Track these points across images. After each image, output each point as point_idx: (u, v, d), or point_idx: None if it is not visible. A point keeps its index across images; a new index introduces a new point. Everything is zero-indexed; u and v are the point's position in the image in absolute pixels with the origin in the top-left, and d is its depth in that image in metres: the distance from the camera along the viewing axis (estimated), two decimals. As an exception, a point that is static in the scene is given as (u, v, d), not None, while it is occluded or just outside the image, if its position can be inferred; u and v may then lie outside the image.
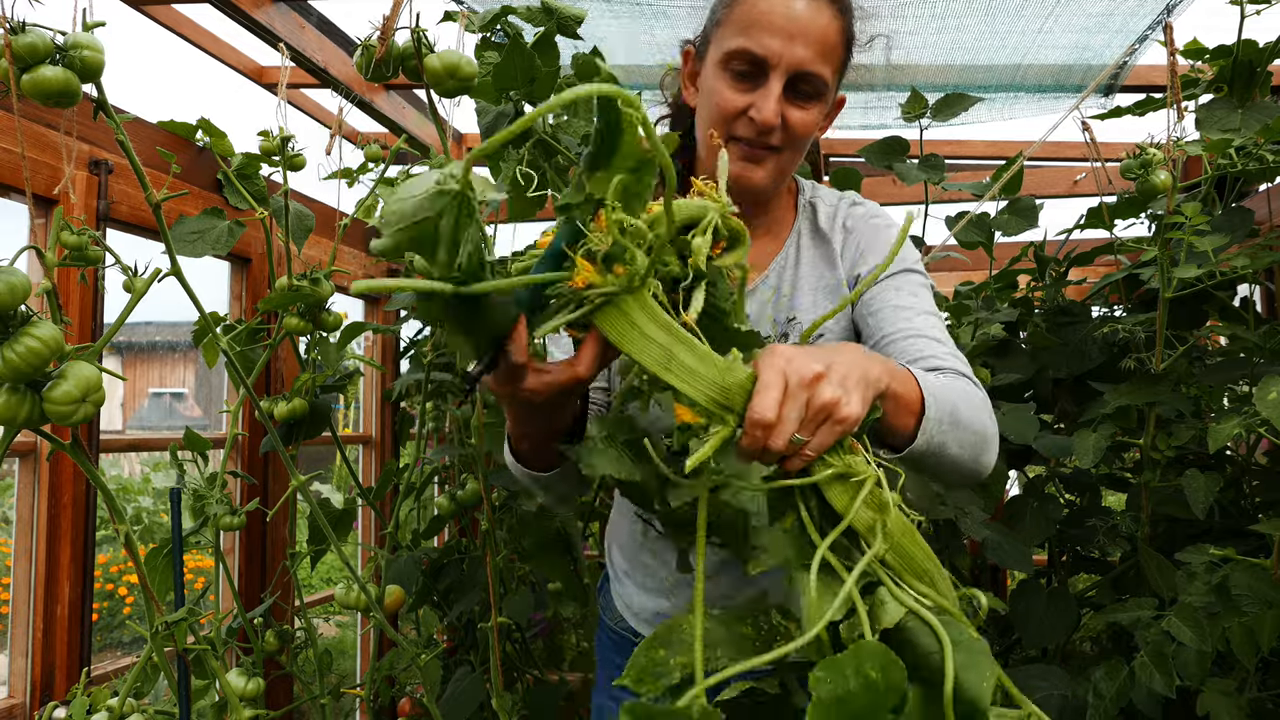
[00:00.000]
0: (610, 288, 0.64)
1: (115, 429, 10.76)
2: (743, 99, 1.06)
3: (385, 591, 1.85)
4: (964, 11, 2.14)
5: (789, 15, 1.04)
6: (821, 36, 1.05)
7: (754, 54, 1.05)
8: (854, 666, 0.57)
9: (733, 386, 0.66)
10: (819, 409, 0.66)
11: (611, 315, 0.65)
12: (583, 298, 0.65)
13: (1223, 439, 1.42)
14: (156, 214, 1.23)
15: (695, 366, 0.65)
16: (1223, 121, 1.79)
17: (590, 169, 0.64)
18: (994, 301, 2.21)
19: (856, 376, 0.70)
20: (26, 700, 1.52)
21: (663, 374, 0.65)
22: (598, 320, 0.66)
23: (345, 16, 2.43)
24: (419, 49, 1.36)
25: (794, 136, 1.08)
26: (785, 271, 1.19)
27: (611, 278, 0.64)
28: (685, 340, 0.65)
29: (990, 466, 0.96)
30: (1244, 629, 1.37)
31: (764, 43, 1.04)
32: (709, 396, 0.65)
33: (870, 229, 1.18)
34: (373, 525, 2.65)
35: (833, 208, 1.21)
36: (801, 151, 1.12)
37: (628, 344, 0.65)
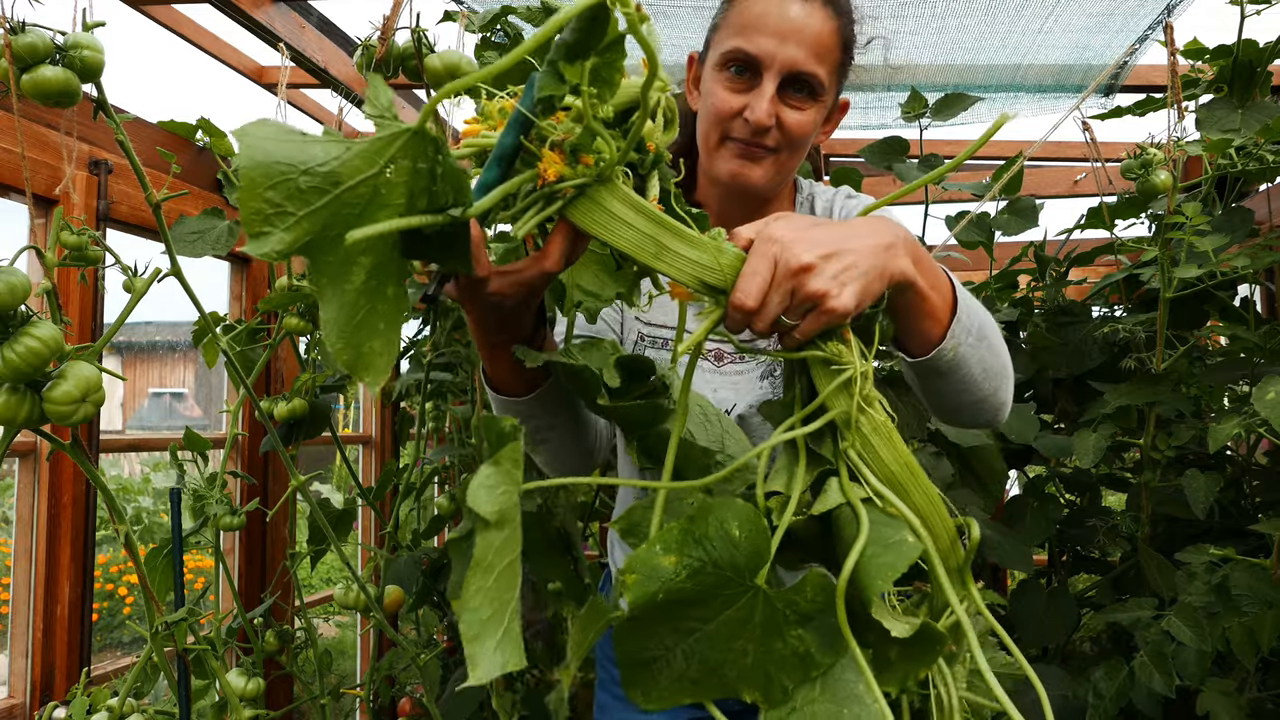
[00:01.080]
0: (582, 179, 0.61)
1: (115, 429, 10.75)
2: (738, 100, 1.07)
3: (385, 591, 1.85)
4: (964, 11, 2.14)
5: (782, 16, 1.04)
6: (816, 37, 1.05)
7: (748, 54, 1.05)
8: (720, 519, 0.59)
9: (724, 267, 0.65)
10: (804, 298, 0.64)
11: (586, 207, 0.63)
12: (554, 192, 0.62)
13: (1223, 439, 1.42)
14: (156, 214, 1.23)
15: (683, 250, 0.64)
16: (1223, 121, 1.79)
17: (568, 58, 0.59)
18: (994, 301, 2.21)
19: (862, 268, 0.66)
20: (26, 700, 1.52)
21: (652, 262, 0.63)
22: (571, 214, 0.63)
23: (345, 16, 2.43)
24: (419, 49, 1.36)
25: (790, 137, 1.08)
26: None
27: (582, 168, 0.61)
28: (669, 225, 0.63)
29: (1007, 407, 0.93)
30: (1244, 629, 1.37)
31: (758, 43, 1.05)
32: (698, 279, 0.64)
33: (851, 209, 1.19)
34: (373, 525, 2.65)
35: (828, 202, 1.22)
36: (801, 152, 1.12)
37: (610, 234, 0.63)
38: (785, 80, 1.06)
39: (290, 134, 0.52)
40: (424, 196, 0.57)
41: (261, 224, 0.50)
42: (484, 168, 0.62)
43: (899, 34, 2.27)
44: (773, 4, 1.05)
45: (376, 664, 1.90)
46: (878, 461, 0.65)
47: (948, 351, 0.81)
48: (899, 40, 2.31)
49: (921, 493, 0.65)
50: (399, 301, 0.58)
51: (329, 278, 0.54)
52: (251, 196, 0.49)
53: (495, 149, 0.62)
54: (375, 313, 0.56)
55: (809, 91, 1.07)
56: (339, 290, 0.55)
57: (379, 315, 0.57)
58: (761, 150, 1.09)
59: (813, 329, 0.65)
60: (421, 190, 0.56)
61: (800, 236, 0.65)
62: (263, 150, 0.50)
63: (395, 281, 0.58)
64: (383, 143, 0.54)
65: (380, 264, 0.56)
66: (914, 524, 0.62)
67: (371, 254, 0.55)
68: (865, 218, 0.73)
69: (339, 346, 0.54)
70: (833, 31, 1.06)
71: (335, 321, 0.54)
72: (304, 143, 0.52)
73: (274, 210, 0.50)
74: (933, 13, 2.15)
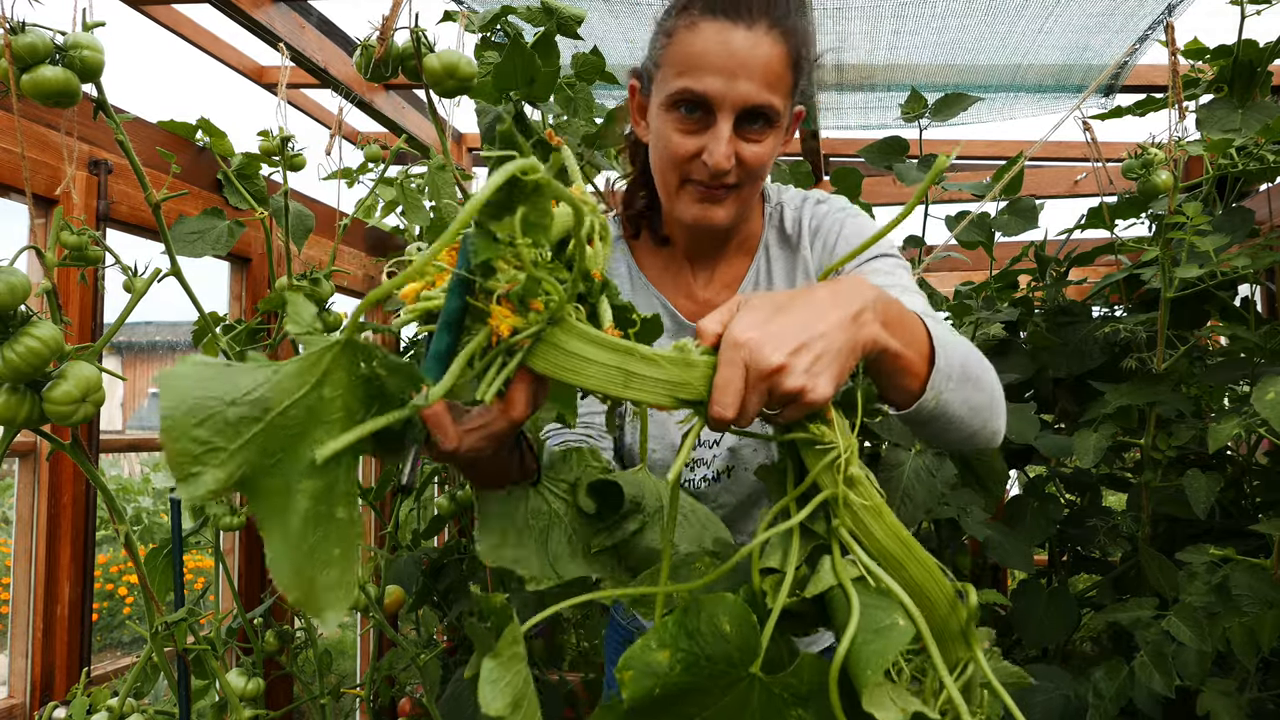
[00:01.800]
0: (536, 326, 0.60)
1: (115, 429, 10.75)
2: (693, 142, 1.03)
3: (385, 591, 1.85)
4: (964, 12, 2.14)
5: (727, 52, 0.99)
6: (765, 68, 1.00)
7: (697, 94, 1.00)
8: (710, 613, 0.59)
9: (695, 380, 0.64)
10: (782, 396, 0.64)
11: (545, 352, 0.61)
12: (511, 346, 0.61)
13: (1223, 439, 1.42)
14: (156, 214, 1.23)
15: (651, 373, 0.63)
16: (1223, 121, 1.79)
17: (496, 217, 0.58)
18: (994, 301, 2.21)
19: (833, 351, 0.66)
20: (26, 700, 1.52)
21: (622, 392, 0.62)
22: (533, 363, 0.62)
23: (345, 16, 2.43)
24: (418, 49, 1.36)
25: (750, 171, 1.05)
26: (759, 287, 1.17)
27: (533, 315, 0.60)
28: (633, 350, 0.62)
29: (1000, 435, 0.91)
30: (1244, 629, 1.37)
31: (706, 82, 1.00)
32: (673, 397, 0.64)
33: (835, 222, 1.15)
34: (373, 525, 2.65)
35: (797, 210, 1.18)
36: (761, 180, 1.09)
37: (573, 375, 0.62)
38: (739, 116, 1.01)
39: (212, 367, 0.50)
40: (374, 400, 0.55)
41: (191, 464, 0.47)
42: (434, 335, 0.62)
43: (899, 34, 2.27)
44: (714, 38, 0.99)
45: (376, 664, 1.90)
46: (870, 538, 0.66)
47: (929, 403, 0.79)
48: (899, 40, 2.31)
49: (916, 564, 0.65)
50: (351, 524, 0.54)
51: (270, 509, 0.51)
52: (177, 438, 0.47)
53: (442, 314, 0.61)
54: (327, 539, 0.53)
55: (765, 122, 1.02)
56: (283, 521, 0.51)
57: (331, 541, 0.53)
58: (723, 190, 1.05)
59: (795, 417, 0.65)
60: (368, 396, 0.55)
61: (767, 335, 0.64)
62: (184, 389, 0.48)
63: (345, 503, 0.54)
64: (311, 360, 0.52)
65: (326, 487, 0.53)
66: (906, 603, 0.63)
67: (316, 477, 0.52)
68: (829, 285, 0.70)
69: (288, 584, 0.50)
70: (782, 56, 1.01)
71: (282, 556, 0.50)
72: (228, 373, 0.50)
73: (203, 449, 0.48)
74: (933, 13, 2.15)
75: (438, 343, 0.61)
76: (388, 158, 1.97)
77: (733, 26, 0.99)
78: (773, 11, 1.00)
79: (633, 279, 1.19)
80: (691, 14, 1.02)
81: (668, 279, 1.19)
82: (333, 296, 1.70)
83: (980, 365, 0.88)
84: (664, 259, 1.20)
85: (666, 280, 1.19)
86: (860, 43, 2.31)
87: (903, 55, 2.43)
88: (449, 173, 1.52)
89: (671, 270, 1.18)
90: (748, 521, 1.20)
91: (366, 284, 2.53)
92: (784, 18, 1.01)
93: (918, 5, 2.11)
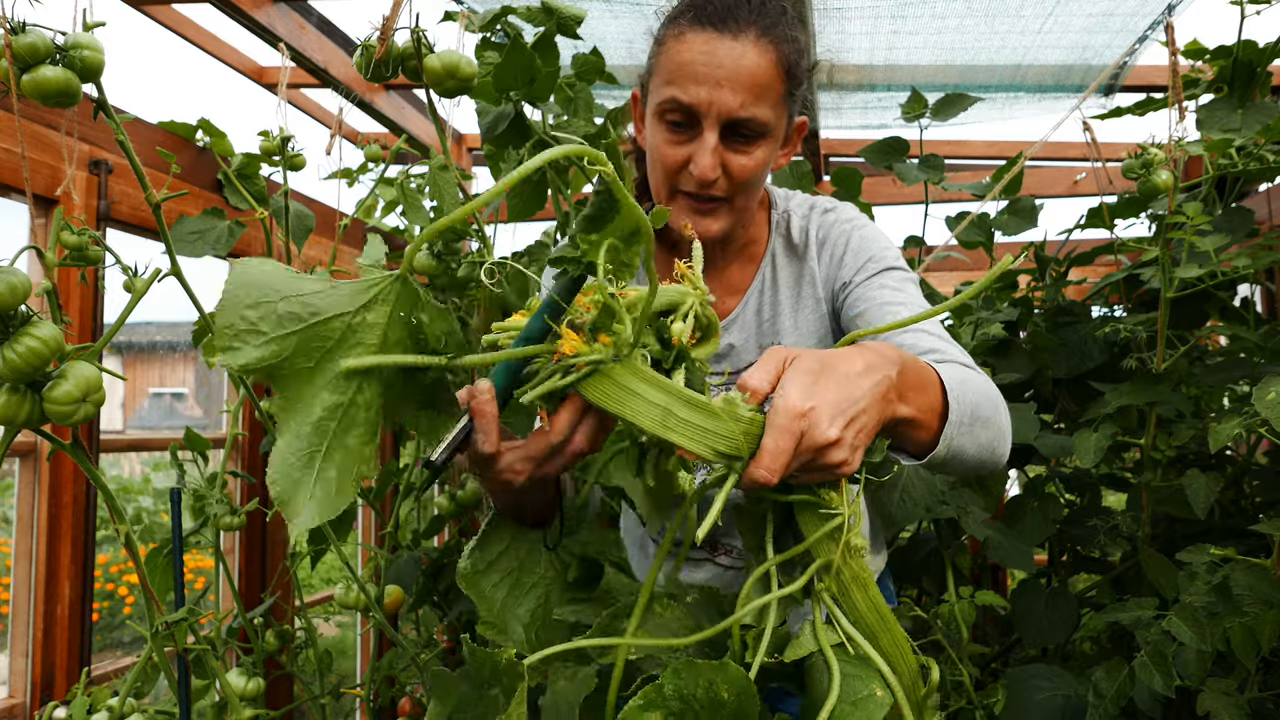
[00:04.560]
0: (598, 355, 0.63)
1: (115, 429, 10.75)
2: (680, 151, 1.03)
3: (385, 591, 1.85)
4: (964, 12, 2.14)
5: (713, 61, 0.98)
6: (752, 77, 0.99)
7: (682, 104, 1.00)
8: (709, 679, 0.59)
9: (739, 434, 0.64)
10: (821, 467, 0.65)
11: (599, 382, 0.64)
12: (569, 365, 0.64)
13: (1223, 439, 1.42)
14: (156, 214, 1.23)
15: (696, 420, 0.64)
16: (1223, 121, 1.79)
17: (585, 230, 0.62)
18: (994, 301, 2.21)
19: (870, 427, 0.67)
20: (26, 700, 1.52)
21: (660, 431, 0.63)
22: (584, 389, 0.64)
23: (345, 16, 2.43)
24: (419, 49, 1.36)
25: (740, 183, 1.04)
26: (764, 295, 1.17)
27: (599, 346, 0.63)
28: (683, 395, 0.64)
29: (1005, 457, 0.93)
30: (1244, 629, 1.37)
31: (691, 92, 0.99)
32: (711, 448, 0.64)
33: (842, 234, 1.14)
34: (373, 525, 2.65)
35: (804, 219, 1.18)
36: (755, 192, 1.08)
37: (617, 405, 0.63)
38: (726, 127, 1.01)
39: (280, 268, 0.54)
40: (412, 341, 0.58)
41: (233, 339, 0.52)
42: (514, 341, 0.66)
43: (899, 34, 2.27)
44: (700, 48, 0.99)
45: (376, 664, 1.90)
46: (852, 607, 0.67)
47: (941, 452, 0.81)
48: (899, 41, 2.31)
49: (889, 636, 0.67)
50: (359, 458, 0.56)
51: (289, 405, 0.55)
52: (228, 312, 0.52)
53: (524, 330, 0.65)
54: (330, 457, 0.55)
55: (753, 134, 1.02)
56: (296, 421, 0.55)
57: (332, 460, 0.55)
58: (712, 202, 1.05)
59: (815, 481, 0.66)
60: (407, 336, 0.57)
61: (824, 406, 0.64)
62: (249, 275, 0.53)
63: (360, 434, 0.57)
64: (364, 286, 0.56)
65: (343, 405, 0.56)
66: (885, 673, 0.64)
67: (336, 392, 0.55)
68: (861, 352, 0.71)
69: (276, 478, 0.54)
70: (771, 65, 1.00)
71: (280, 450, 0.54)
72: (291, 277, 0.54)
73: (248, 328, 0.52)
74: (933, 13, 2.15)
75: (514, 346, 0.65)
76: (388, 158, 1.97)
77: (719, 36, 0.98)
78: (761, 20, 1.00)
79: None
80: (680, 24, 1.02)
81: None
82: (333, 296, 1.70)
83: (991, 404, 0.89)
84: (667, 263, 1.20)
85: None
86: (860, 43, 2.31)
87: (902, 56, 2.43)
88: (451, 173, 1.52)
89: (675, 275, 1.19)
90: (731, 531, 1.20)
91: (366, 284, 2.53)
92: (773, 26, 1.00)
93: (918, 5, 2.11)
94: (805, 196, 1.21)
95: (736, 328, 1.17)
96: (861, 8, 2.10)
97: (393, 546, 2.00)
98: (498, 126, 1.50)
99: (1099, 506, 2.04)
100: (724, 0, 1.00)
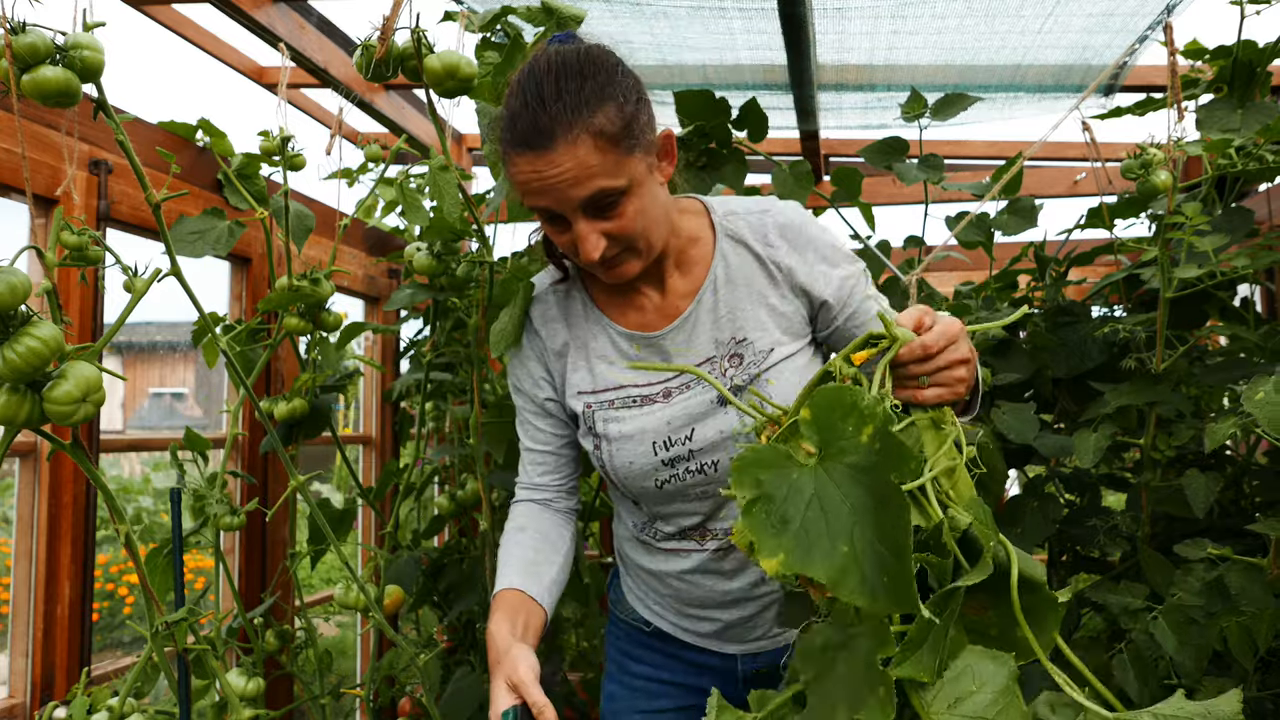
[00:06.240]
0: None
1: (115, 429, 10.75)
2: (565, 238, 1.10)
3: (385, 591, 1.85)
4: (964, 12, 2.14)
5: (540, 175, 1.03)
6: (579, 170, 1.03)
7: (540, 209, 1.09)
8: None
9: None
10: (949, 380, 0.84)
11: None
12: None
13: (1220, 438, 1.42)
14: (156, 214, 1.23)
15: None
16: (1223, 121, 1.79)
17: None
18: (994, 301, 2.21)
19: (971, 372, 0.87)
20: (26, 700, 1.52)
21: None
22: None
23: (345, 16, 2.43)
24: (418, 49, 1.36)
25: (626, 238, 1.09)
26: (719, 293, 1.21)
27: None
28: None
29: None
30: (1241, 629, 1.37)
31: (539, 202, 1.07)
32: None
33: (803, 240, 1.20)
34: (373, 525, 2.65)
35: (758, 217, 1.22)
36: (653, 228, 1.12)
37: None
38: (585, 208, 1.06)
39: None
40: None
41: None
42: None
43: (899, 34, 2.27)
44: (526, 167, 1.04)
45: (376, 664, 1.90)
46: (959, 493, 0.77)
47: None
48: (899, 40, 2.31)
49: (982, 510, 0.77)
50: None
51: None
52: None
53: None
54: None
55: (616, 198, 1.06)
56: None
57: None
58: (614, 261, 1.11)
59: (940, 393, 0.83)
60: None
61: (964, 335, 0.87)
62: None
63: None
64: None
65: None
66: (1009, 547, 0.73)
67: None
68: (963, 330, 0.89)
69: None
70: (593, 147, 1.03)
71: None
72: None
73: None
74: (933, 13, 2.15)
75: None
76: (388, 158, 1.97)
77: (536, 156, 1.03)
78: (562, 119, 1.02)
79: (586, 312, 1.26)
80: (506, 149, 1.07)
81: (627, 305, 1.25)
82: (332, 296, 1.70)
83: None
84: (619, 288, 1.25)
85: (620, 302, 1.25)
86: (860, 43, 2.31)
87: (902, 56, 2.43)
88: (451, 173, 1.52)
89: (630, 295, 1.25)
90: (716, 515, 1.25)
91: (366, 284, 2.53)
92: (576, 115, 1.02)
93: (918, 5, 2.11)
94: (747, 201, 1.26)
95: (689, 324, 1.22)
96: (861, 8, 2.09)
97: (393, 546, 2.01)
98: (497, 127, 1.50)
99: (1099, 506, 2.04)
100: (526, 117, 1.03)
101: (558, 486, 1.33)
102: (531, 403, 1.30)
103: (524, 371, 1.30)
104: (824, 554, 0.65)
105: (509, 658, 1.05)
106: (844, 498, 0.67)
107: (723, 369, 1.20)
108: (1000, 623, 0.71)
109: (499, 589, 1.18)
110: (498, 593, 1.18)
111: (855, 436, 0.68)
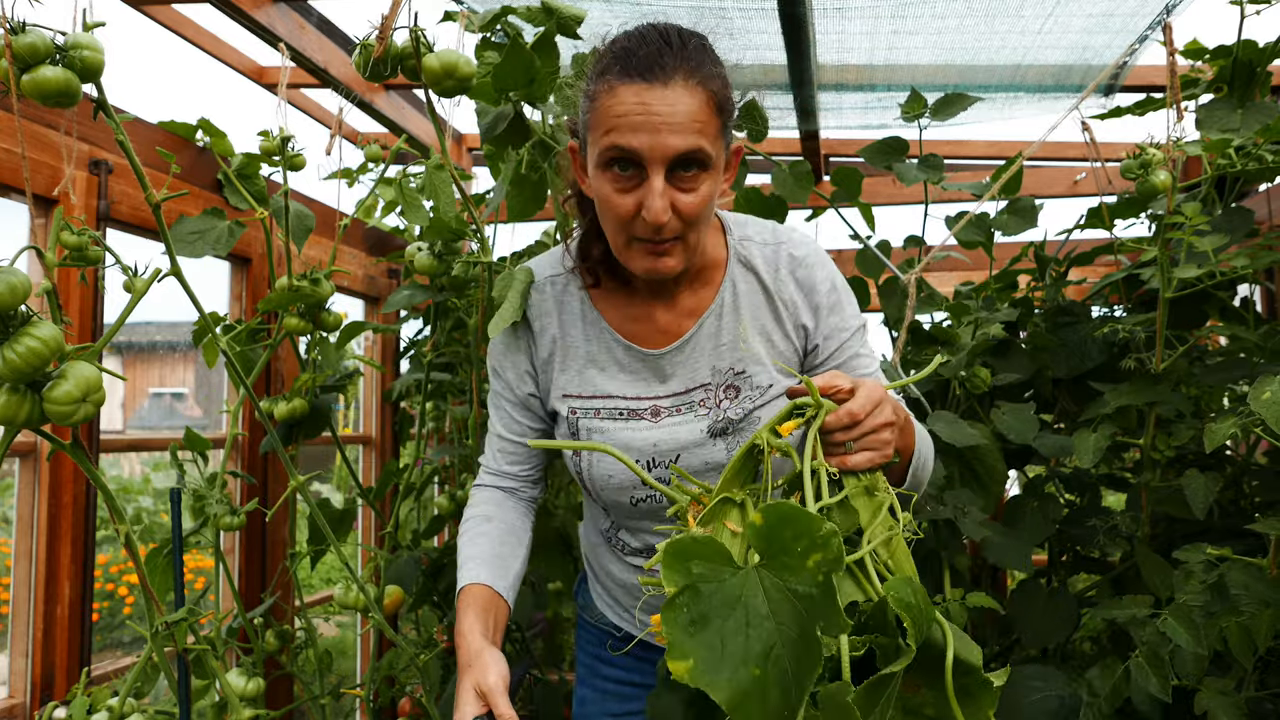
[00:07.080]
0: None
1: (115, 429, 10.75)
2: (630, 199, 1.05)
3: (385, 591, 1.85)
4: (964, 12, 2.14)
5: (648, 109, 1.01)
6: (689, 116, 1.01)
7: (626, 150, 1.03)
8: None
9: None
10: (874, 444, 0.87)
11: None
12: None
13: (1219, 438, 1.42)
14: (156, 214, 1.23)
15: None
16: (1223, 121, 1.79)
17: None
18: (994, 301, 2.21)
19: (895, 435, 0.90)
20: (26, 700, 1.52)
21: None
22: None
23: (345, 16, 2.43)
24: (417, 48, 1.36)
25: (690, 219, 1.07)
26: (724, 317, 1.20)
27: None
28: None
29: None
30: (1241, 628, 1.37)
31: (631, 141, 1.02)
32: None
33: (811, 282, 1.20)
34: (373, 525, 2.65)
35: (772, 249, 1.21)
36: (705, 225, 1.11)
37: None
38: (671, 166, 1.03)
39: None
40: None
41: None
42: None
43: (899, 34, 2.27)
44: (632, 100, 1.01)
45: (376, 664, 1.90)
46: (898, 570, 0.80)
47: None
48: (899, 40, 2.31)
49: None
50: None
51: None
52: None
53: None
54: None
55: (698, 167, 1.05)
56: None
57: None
58: (666, 243, 1.08)
59: (867, 459, 0.85)
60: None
61: (887, 400, 0.91)
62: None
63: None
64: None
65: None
66: (942, 623, 0.72)
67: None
68: (893, 403, 0.93)
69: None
70: (705, 103, 1.03)
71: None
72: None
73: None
74: (933, 13, 2.15)
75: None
76: (388, 158, 1.98)
77: (649, 87, 1.01)
78: (686, 64, 1.02)
79: (585, 324, 1.23)
80: (609, 79, 1.04)
81: (629, 315, 1.22)
82: (332, 296, 1.70)
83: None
84: (625, 297, 1.23)
85: (628, 317, 1.23)
86: (860, 43, 2.31)
87: (902, 56, 2.43)
88: (446, 172, 1.52)
89: (635, 306, 1.22)
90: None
91: (366, 284, 2.53)
92: (698, 67, 1.03)
93: (918, 5, 2.11)
94: (762, 225, 1.24)
95: (690, 347, 1.20)
96: (861, 8, 2.09)
97: (393, 546, 2.01)
98: (497, 126, 1.50)
99: (1099, 506, 2.04)
100: (647, 50, 1.02)
101: (525, 476, 1.31)
102: (512, 393, 1.27)
103: (509, 362, 1.27)
104: (730, 672, 0.63)
105: (480, 662, 1.03)
106: (770, 614, 0.65)
107: (717, 399, 1.19)
108: (935, 703, 0.69)
109: (467, 582, 1.17)
110: (466, 586, 1.16)
111: (802, 559, 0.66)
